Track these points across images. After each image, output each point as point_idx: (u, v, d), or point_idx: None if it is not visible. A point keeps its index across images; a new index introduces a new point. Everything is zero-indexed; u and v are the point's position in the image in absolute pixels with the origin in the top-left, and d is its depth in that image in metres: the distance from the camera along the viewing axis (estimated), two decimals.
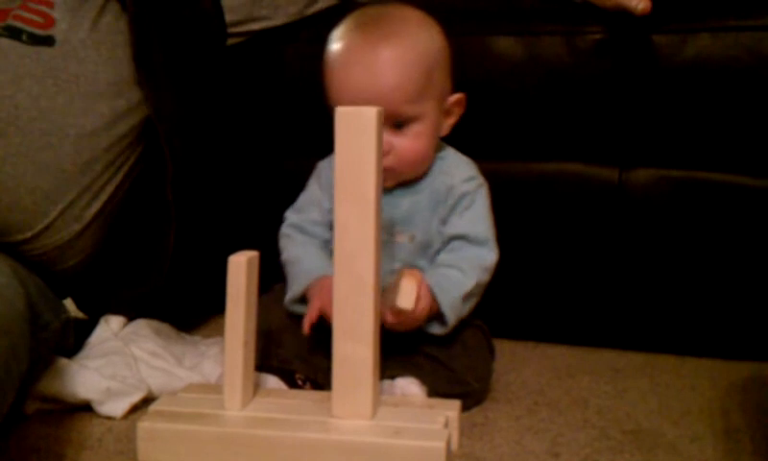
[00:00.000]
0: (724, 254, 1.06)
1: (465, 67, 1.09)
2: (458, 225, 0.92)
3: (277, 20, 1.18)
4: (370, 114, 0.75)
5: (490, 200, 0.94)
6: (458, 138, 1.07)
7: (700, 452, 0.83)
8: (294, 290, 0.94)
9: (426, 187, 0.94)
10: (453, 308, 0.89)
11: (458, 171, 0.94)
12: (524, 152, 1.11)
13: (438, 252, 0.93)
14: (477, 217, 0.93)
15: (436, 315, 0.89)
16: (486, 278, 0.92)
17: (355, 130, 0.75)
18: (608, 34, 1.05)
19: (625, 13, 1.03)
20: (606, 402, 0.95)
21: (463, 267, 0.90)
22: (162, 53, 1.06)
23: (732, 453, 0.82)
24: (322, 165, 0.99)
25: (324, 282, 0.89)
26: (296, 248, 0.96)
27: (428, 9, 1.13)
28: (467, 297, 0.90)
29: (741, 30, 1.02)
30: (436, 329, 0.90)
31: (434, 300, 0.88)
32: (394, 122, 0.87)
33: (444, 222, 0.93)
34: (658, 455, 0.82)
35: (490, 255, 0.92)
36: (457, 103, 0.94)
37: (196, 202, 1.12)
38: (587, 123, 1.08)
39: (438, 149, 0.96)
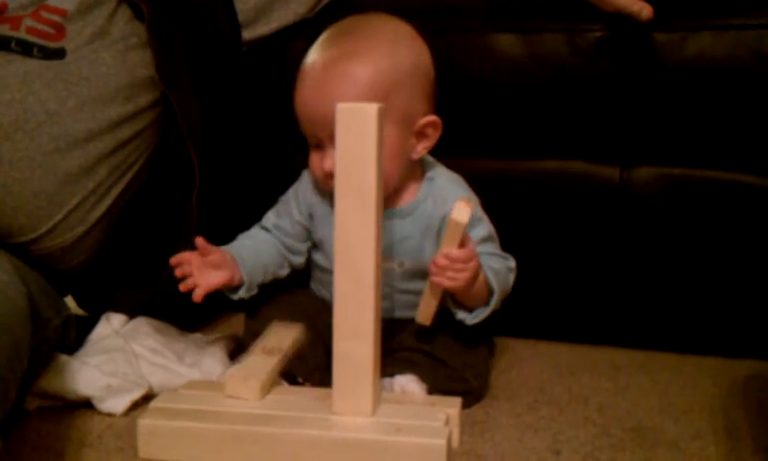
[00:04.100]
0: (725, 252, 1.06)
1: (466, 65, 1.10)
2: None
3: (287, 20, 1.18)
4: (370, 110, 0.75)
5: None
6: (459, 137, 1.07)
7: (701, 450, 0.83)
8: None
9: (414, 212, 0.93)
10: (498, 274, 0.89)
11: (452, 196, 0.91)
12: (525, 150, 1.11)
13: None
14: (484, 239, 0.92)
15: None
16: (511, 279, 0.93)
17: (355, 126, 0.75)
18: (609, 32, 1.05)
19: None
20: (606, 400, 0.95)
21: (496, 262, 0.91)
22: (183, 60, 1.05)
23: (733, 451, 0.82)
24: (305, 173, 0.98)
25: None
26: (247, 238, 0.99)
27: (429, 7, 1.13)
28: (507, 277, 0.92)
29: (742, 28, 1.01)
30: (465, 316, 0.90)
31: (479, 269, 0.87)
32: None
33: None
34: (658, 453, 0.82)
35: (510, 261, 0.93)
36: (430, 125, 0.91)
37: (213, 209, 1.11)
38: (588, 121, 1.08)
39: (425, 169, 0.95)
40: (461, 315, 0.90)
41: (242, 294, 0.94)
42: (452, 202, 0.90)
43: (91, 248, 1.02)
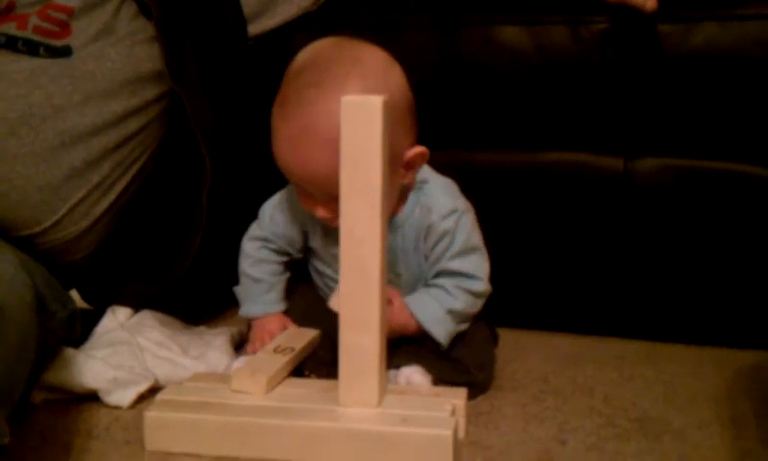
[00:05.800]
0: (729, 243, 1.06)
1: (471, 57, 1.10)
2: (441, 263, 0.91)
3: (291, 14, 1.18)
4: (375, 103, 0.74)
5: (473, 222, 0.92)
6: (464, 129, 1.07)
7: (706, 439, 0.83)
8: (244, 311, 1.00)
9: (406, 223, 0.91)
10: (438, 322, 0.89)
11: (437, 205, 0.90)
12: (529, 141, 1.11)
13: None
14: (458, 253, 0.90)
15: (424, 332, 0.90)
16: (477, 304, 0.92)
17: (361, 119, 0.75)
18: (613, 23, 1.05)
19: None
20: (611, 390, 0.95)
21: (448, 288, 0.90)
22: (191, 55, 1.05)
23: (738, 440, 0.82)
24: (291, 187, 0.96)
25: (264, 325, 0.97)
26: (257, 270, 0.99)
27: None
28: (454, 313, 0.89)
29: (748, 19, 1.01)
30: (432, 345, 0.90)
31: (411, 316, 0.89)
32: (332, 195, 0.79)
33: (426, 259, 0.92)
34: (664, 442, 0.82)
35: (477, 284, 0.91)
36: (418, 156, 0.87)
37: (222, 205, 1.11)
38: (592, 112, 1.08)
39: (417, 177, 0.92)
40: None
41: None
42: (436, 212, 0.90)
43: (96, 241, 1.03)
